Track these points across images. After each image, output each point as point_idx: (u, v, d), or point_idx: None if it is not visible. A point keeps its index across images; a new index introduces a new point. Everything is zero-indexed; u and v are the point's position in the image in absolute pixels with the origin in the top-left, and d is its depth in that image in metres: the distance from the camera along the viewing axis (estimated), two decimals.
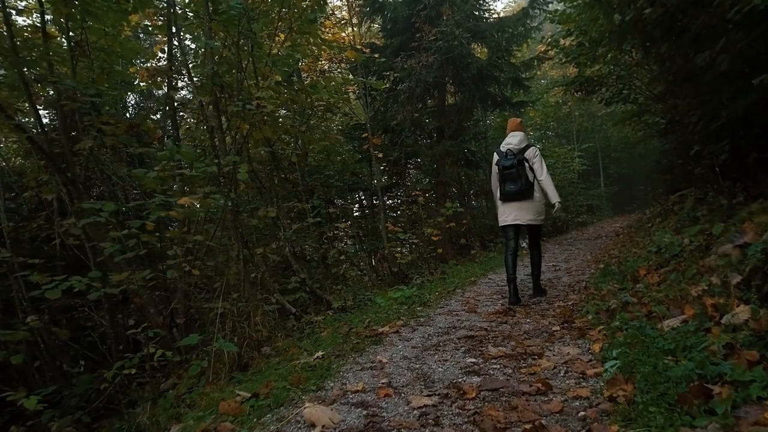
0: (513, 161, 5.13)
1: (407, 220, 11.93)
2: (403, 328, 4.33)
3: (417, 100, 11.66)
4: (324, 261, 6.75)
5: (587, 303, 5.21)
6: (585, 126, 25.04)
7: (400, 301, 6.04)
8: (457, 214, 11.31)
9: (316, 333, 4.79)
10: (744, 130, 6.36)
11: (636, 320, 3.48)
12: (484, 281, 7.92)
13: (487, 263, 10.31)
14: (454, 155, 11.66)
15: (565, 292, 6.27)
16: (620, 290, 5.44)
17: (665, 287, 4.44)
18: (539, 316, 4.69)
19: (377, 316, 5.05)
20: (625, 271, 6.35)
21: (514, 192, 5.14)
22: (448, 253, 11.43)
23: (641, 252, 7.77)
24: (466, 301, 5.95)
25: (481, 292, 6.65)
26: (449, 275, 9.06)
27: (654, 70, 10.28)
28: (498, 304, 5.56)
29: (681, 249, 5.27)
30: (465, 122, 12.25)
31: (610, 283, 6.10)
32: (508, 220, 5.31)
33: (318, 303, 6.24)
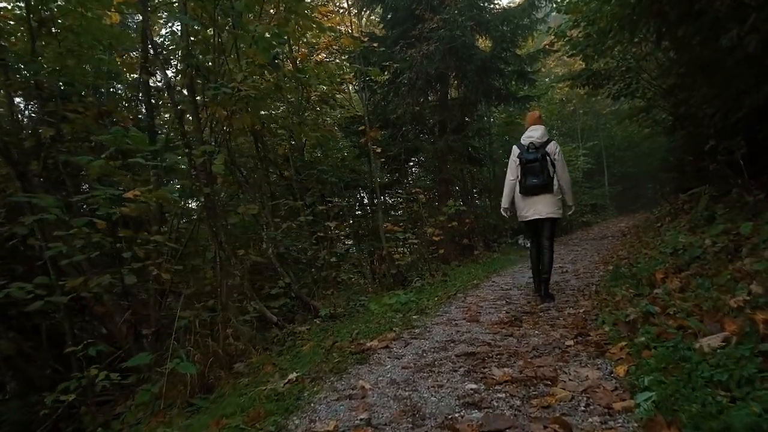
0: (536, 155, 5.07)
1: (407, 219, 11.41)
2: (395, 342, 3.81)
3: (418, 92, 11.13)
4: (314, 263, 6.24)
5: (601, 311, 4.71)
6: (589, 124, 24.53)
7: (395, 307, 5.53)
8: (460, 213, 10.79)
9: (298, 346, 4.28)
10: (765, 122, 5.85)
11: (664, 335, 2.97)
12: (488, 284, 7.41)
13: (490, 264, 9.79)
14: (457, 151, 11.13)
15: (575, 297, 5.76)
16: (636, 296, 4.93)
17: (691, 295, 3.92)
18: (548, 327, 4.18)
19: (367, 326, 4.54)
20: (639, 274, 5.84)
21: (537, 185, 5.09)
22: (450, 254, 10.92)
23: (653, 253, 7.26)
24: (467, 307, 5.43)
25: (484, 297, 6.14)
26: (450, 277, 8.56)
27: (665, 61, 9.77)
28: (503, 312, 5.04)
29: (703, 251, 4.75)
30: (468, 117, 11.72)
31: (623, 287, 5.60)
32: (529, 215, 5.29)
33: (306, 310, 5.74)
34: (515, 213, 5.64)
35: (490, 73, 10.94)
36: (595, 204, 20.70)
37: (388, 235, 8.85)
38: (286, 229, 7.06)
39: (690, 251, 4.94)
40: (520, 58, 11.46)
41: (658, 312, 3.63)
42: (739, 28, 4.53)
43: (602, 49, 9.69)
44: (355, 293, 6.94)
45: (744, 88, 6.13)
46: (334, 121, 11.38)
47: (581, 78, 10.80)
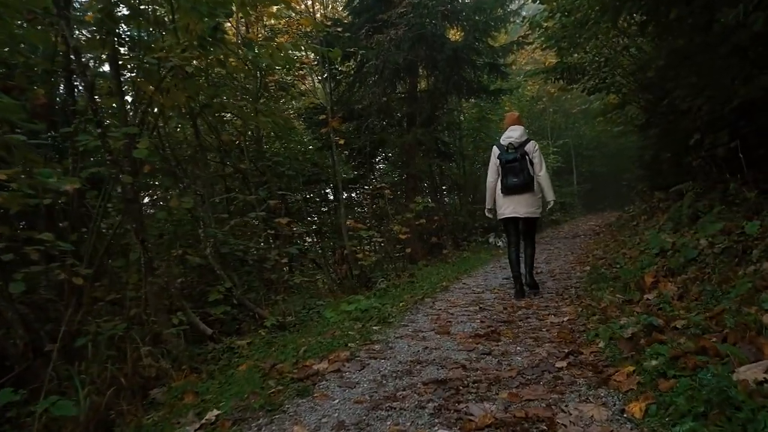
0: (516, 155, 5.16)
1: (373, 216, 10.74)
2: (349, 364, 3.12)
3: (386, 83, 10.46)
4: (262, 265, 5.50)
5: (588, 319, 4.14)
6: (559, 123, 24.33)
7: (355, 315, 4.85)
8: (428, 211, 10.19)
9: (233, 365, 3.56)
10: (757, 114, 5.39)
11: (682, 359, 2.37)
12: (458, 286, 6.80)
13: (460, 264, 9.19)
14: (425, 145, 10.51)
15: (555, 302, 5.19)
16: (626, 303, 4.38)
17: (696, 304, 3.36)
18: (532, 341, 3.57)
19: (319, 340, 3.83)
20: (624, 276, 5.32)
21: (517, 185, 5.16)
22: (418, 253, 10.30)
23: (633, 253, 6.80)
24: (436, 315, 4.79)
25: (455, 302, 5.51)
26: (418, 278, 7.93)
27: (642, 55, 9.35)
28: (477, 320, 4.42)
29: (699, 252, 4.22)
30: (438, 109, 11.10)
31: (608, 291, 5.06)
32: (507, 213, 5.32)
33: (253, 318, 5.00)
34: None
35: (462, 64, 10.34)
36: (564, 202, 20.48)
37: (351, 233, 8.17)
38: (234, 226, 6.33)
39: (684, 252, 4.40)
40: (492, 50, 10.90)
41: (661, 325, 3.05)
42: (744, 4, 3.99)
43: (578, 41, 9.24)
44: (312, 297, 6.23)
45: (736, 78, 5.69)
46: (295, 111, 10.61)
47: (555, 72, 10.31)
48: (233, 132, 8.66)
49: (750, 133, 5.52)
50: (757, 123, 5.41)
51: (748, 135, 5.48)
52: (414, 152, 10.71)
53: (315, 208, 11.65)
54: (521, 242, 5.51)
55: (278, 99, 9.54)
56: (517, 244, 5.48)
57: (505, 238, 11.98)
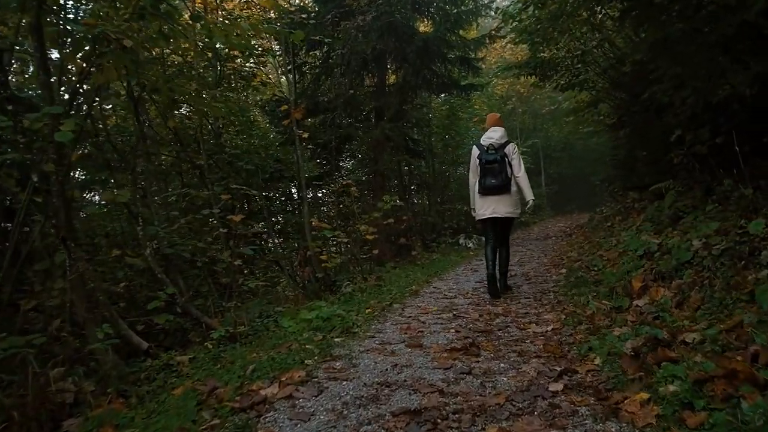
0: (496, 156, 5.16)
1: (338, 215, 10.20)
2: (304, 388, 2.60)
3: (353, 75, 9.95)
4: (212, 268, 4.91)
5: (574, 328, 3.73)
6: (528, 123, 24.27)
7: (316, 324, 4.33)
8: (396, 210, 9.71)
9: (168, 387, 3.00)
10: (749, 106, 5.11)
11: (708, 384, 1.95)
12: (428, 291, 6.35)
13: (430, 267, 8.77)
14: (394, 141, 10.03)
15: (535, 308, 4.78)
16: (615, 310, 4.00)
17: (702, 313, 2.97)
18: (516, 356, 3.12)
19: (272, 356, 3.30)
20: (607, 280, 4.96)
21: (496, 186, 5.16)
22: (385, 254, 9.82)
23: (610, 255, 6.48)
24: (406, 324, 4.31)
25: (426, 308, 5.05)
26: (385, 281, 7.47)
27: (617, 51, 9.11)
28: (452, 330, 3.96)
29: (693, 254, 3.85)
30: (407, 104, 10.64)
31: (591, 296, 4.69)
32: (487, 214, 5.29)
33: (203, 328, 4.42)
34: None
35: (432, 57, 9.91)
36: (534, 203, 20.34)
37: (315, 233, 7.63)
38: (186, 224, 5.73)
39: (676, 254, 4.04)
40: (464, 43, 10.50)
41: (666, 338, 2.64)
42: None
43: (552, 35, 8.94)
44: (270, 303, 5.67)
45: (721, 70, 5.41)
46: (257, 103, 10.00)
47: (529, 67, 10.00)
48: (190, 124, 8.06)
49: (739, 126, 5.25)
50: (749, 115, 5.14)
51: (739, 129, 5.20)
52: (382, 149, 10.23)
53: (279, 206, 11.05)
54: (499, 242, 5.48)
55: (239, 89, 8.91)
56: (495, 243, 5.43)
57: (475, 240, 11.72)
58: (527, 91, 21.83)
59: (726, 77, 5.24)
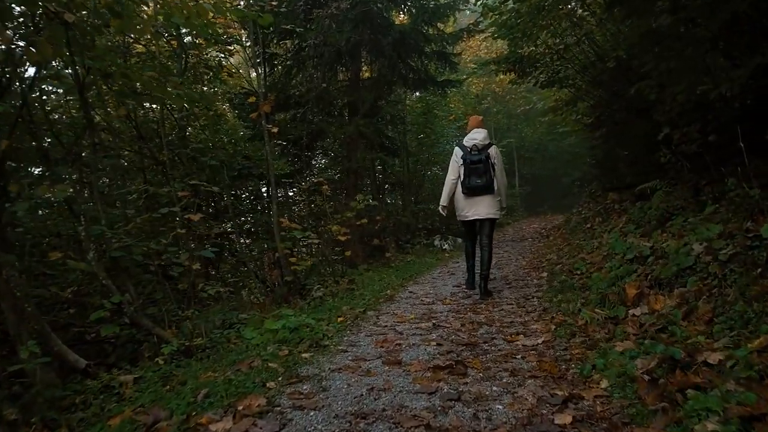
0: (480, 156, 5.25)
1: (309, 215, 9.74)
2: (262, 421, 2.17)
3: (326, 67, 9.50)
4: (167, 272, 4.40)
5: (568, 341, 3.40)
6: (502, 123, 24.14)
7: (282, 335, 3.89)
8: (370, 210, 9.31)
9: (104, 417, 2.54)
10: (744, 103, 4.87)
11: (757, 421, 1.60)
12: (404, 296, 5.96)
13: (405, 269, 8.39)
14: (368, 138, 9.61)
15: (520, 316, 4.44)
16: (610, 320, 3.67)
17: (721, 329, 2.64)
18: (508, 375, 2.75)
19: (228, 377, 2.85)
20: (596, 286, 4.65)
21: (480, 186, 5.24)
22: (358, 256, 9.41)
23: (594, 258, 6.21)
24: (382, 335, 3.91)
25: (403, 316, 4.66)
26: (359, 285, 7.08)
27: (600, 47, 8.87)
28: (433, 343, 3.57)
29: (696, 259, 3.55)
30: (382, 99, 10.23)
31: (580, 303, 4.37)
32: (470, 215, 5.39)
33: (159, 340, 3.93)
34: (451, 212, 5.81)
35: (409, 50, 9.53)
36: (507, 205, 20.19)
37: (284, 233, 7.17)
38: (142, 223, 5.21)
39: (675, 259, 3.73)
40: (441, 37, 10.14)
41: (684, 358, 2.31)
42: None
43: (533, 30, 8.66)
44: (233, 310, 5.20)
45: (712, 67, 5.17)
46: (223, 96, 9.46)
47: (508, 62, 9.71)
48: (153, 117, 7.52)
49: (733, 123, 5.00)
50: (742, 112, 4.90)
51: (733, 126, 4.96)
52: (355, 146, 9.80)
53: (248, 206, 10.53)
54: (481, 243, 5.47)
55: (204, 80, 8.37)
56: (474, 239, 5.60)
57: (451, 241, 11.40)
58: (502, 90, 21.70)
59: (715, 75, 5.01)
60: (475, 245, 5.61)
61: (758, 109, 4.60)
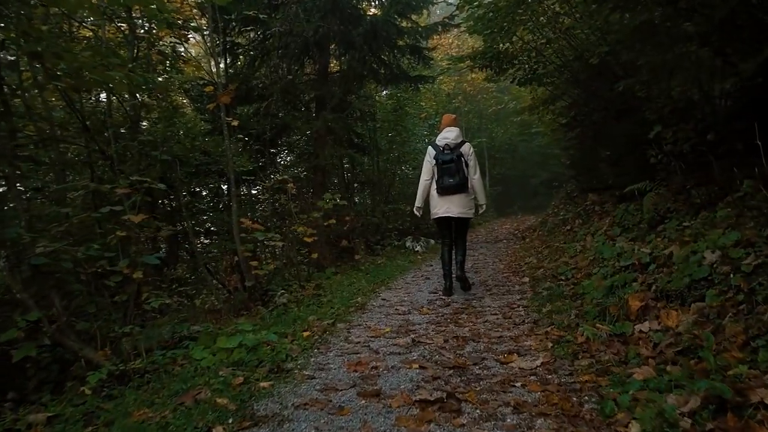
0: (452, 156, 5.23)
1: (273, 214, 9.13)
2: None
3: (292, 59, 8.90)
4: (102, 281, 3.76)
5: (572, 363, 2.94)
6: (473, 123, 23.90)
7: (237, 356, 3.33)
8: (339, 209, 8.76)
9: None
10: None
11: None
12: (377, 304, 5.45)
13: (376, 273, 7.85)
14: (336, 134, 9.05)
15: (508, 329, 3.97)
16: (617, 338, 3.23)
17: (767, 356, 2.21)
18: (511, 411, 2.26)
19: (165, 422, 2.28)
20: (590, 296, 4.23)
21: (453, 185, 5.21)
22: (326, 259, 8.84)
23: (579, 262, 5.84)
24: (355, 354, 3.38)
25: (378, 329, 4.14)
26: (326, 290, 6.55)
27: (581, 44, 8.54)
28: (414, 365, 3.06)
29: (712, 269, 3.15)
30: (352, 94, 9.67)
31: (574, 314, 3.95)
32: (441, 212, 5.35)
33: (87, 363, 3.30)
34: (425, 213, 5.79)
35: (381, 43, 9.00)
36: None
37: (245, 235, 6.57)
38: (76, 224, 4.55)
39: (685, 269, 3.32)
40: (415, 30, 9.65)
41: (733, 397, 1.86)
42: None
43: (511, 24, 8.27)
44: (184, 322, 4.59)
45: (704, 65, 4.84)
46: (180, 86, 8.75)
47: (484, 58, 9.28)
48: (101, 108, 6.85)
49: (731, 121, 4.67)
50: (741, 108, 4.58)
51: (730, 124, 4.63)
52: (323, 142, 9.22)
53: (208, 205, 9.84)
54: (455, 242, 5.52)
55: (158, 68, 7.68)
56: (450, 244, 5.50)
57: (423, 243, 10.95)
58: (474, 89, 21.42)
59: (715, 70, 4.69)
60: (451, 248, 5.51)
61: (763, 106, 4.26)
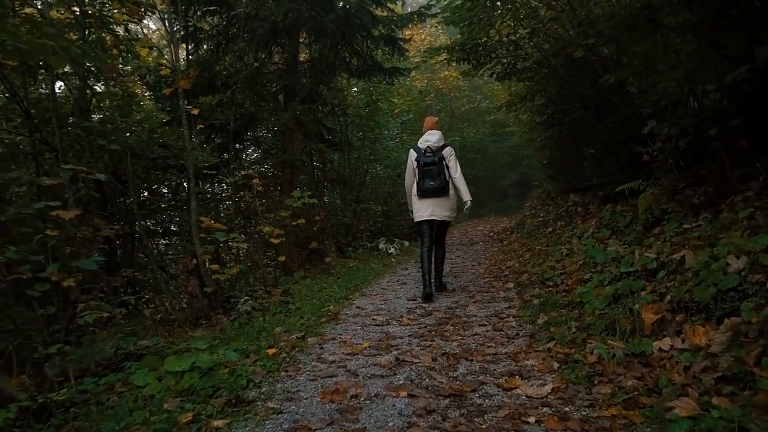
0: (433, 158, 5.25)
1: (237, 213, 8.48)
2: None
3: (259, 45, 8.28)
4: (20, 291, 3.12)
5: (589, 391, 2.49)
6: (445, 122, 23.53)
7: (188, 383, 2.75)
8: (308, 208, 8.19)
9: None
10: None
11: None
12: (351, 313, 4.92)
13: (348, 277, 7.30)
14: (306, 127, 8.45)
15: (503, 344, 3.50)
16: (635, 358, 2.79)
17: None
18: None
19: None
20: (591, 305, 3.80)
21: (434, 188, 5.24)
22: (294, 261, 8.25)
23: (568, 267, 5.44)
24: (331, 378, 2.85)
25: (354, 345, 3.62)
26: (295, 296, 6.02)
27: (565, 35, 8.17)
28: (401, 391, 2.55)
29: (742, 279, 2.74)
30: (323, 84, 9.09)
31: (575, 327, 3.51)
32: (425, 216, 5.33)
33: None
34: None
35: (354, 31, 8.45)
36: None
37: (205, 235, 5.95)
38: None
39: (708, 277, 2.90)
40: (390, 19, 9.13)
41: None
42: None
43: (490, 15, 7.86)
44: (129, 336, 3.96)
45: None
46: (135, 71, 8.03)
47: (463, 50, 8.82)
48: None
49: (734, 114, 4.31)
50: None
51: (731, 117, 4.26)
52: (292, 136, 8.62)
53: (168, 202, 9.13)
54: (435, 244, 5.47)
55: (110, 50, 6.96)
56: (431, 246, 5.41)
57: (397, 245, 10.45)
58: (446, 87, 21.04)
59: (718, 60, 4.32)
60: (432, 250, 5.41)
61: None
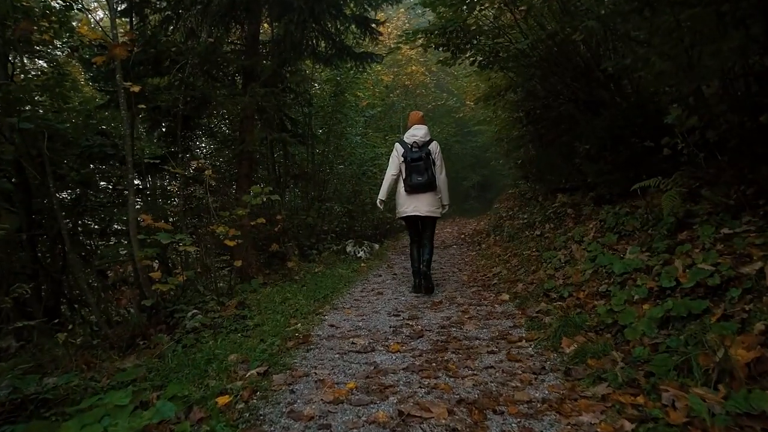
0: (420, 153, 5.24)
1: (186, 212, 7.39)
2: None
3: (215, 19, 7.23)
4: None
5: None
6: None
7: None
8: (269, 207, 7.21)
9: None
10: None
11: None
12: (325, 335, 4.02)
13: (314, 285, 6.33)
14: (267, 113, 7.45)
15: (531, 383, 2.68)
16: (747, 421, 2.00)
17: None
18: None
19: None
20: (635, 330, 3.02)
21: (422, 184, 5.21)
22: (252, 266, 7.22)
23: (573, 276, 4.72)
24: None
25: (335, 388, 2.71)
26: (253, 308, 5.09)
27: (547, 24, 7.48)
28: None
29: None
30: (288, 65, 8.09)
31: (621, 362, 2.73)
32: (408, 211, 5.33)
33: None
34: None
35: (324, 8, 7.50)
36: None
37: (144, 236, 4.91)
38: None
39: None
40: None
41: None
42: None
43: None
44: (29, 374, 2.92)
45: None
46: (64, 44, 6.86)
47: (443, 34, 7.99)
48: None
49: None
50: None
51: None
52: (251, 124, 7.60)
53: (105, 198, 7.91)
54: (422, 240, 5.51)
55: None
56: (419, 242, 5.52)
57: (367, 248, 9.56)
58: (413, 83, 20.26)
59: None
60: (420, 247, 5.49)
61: None
